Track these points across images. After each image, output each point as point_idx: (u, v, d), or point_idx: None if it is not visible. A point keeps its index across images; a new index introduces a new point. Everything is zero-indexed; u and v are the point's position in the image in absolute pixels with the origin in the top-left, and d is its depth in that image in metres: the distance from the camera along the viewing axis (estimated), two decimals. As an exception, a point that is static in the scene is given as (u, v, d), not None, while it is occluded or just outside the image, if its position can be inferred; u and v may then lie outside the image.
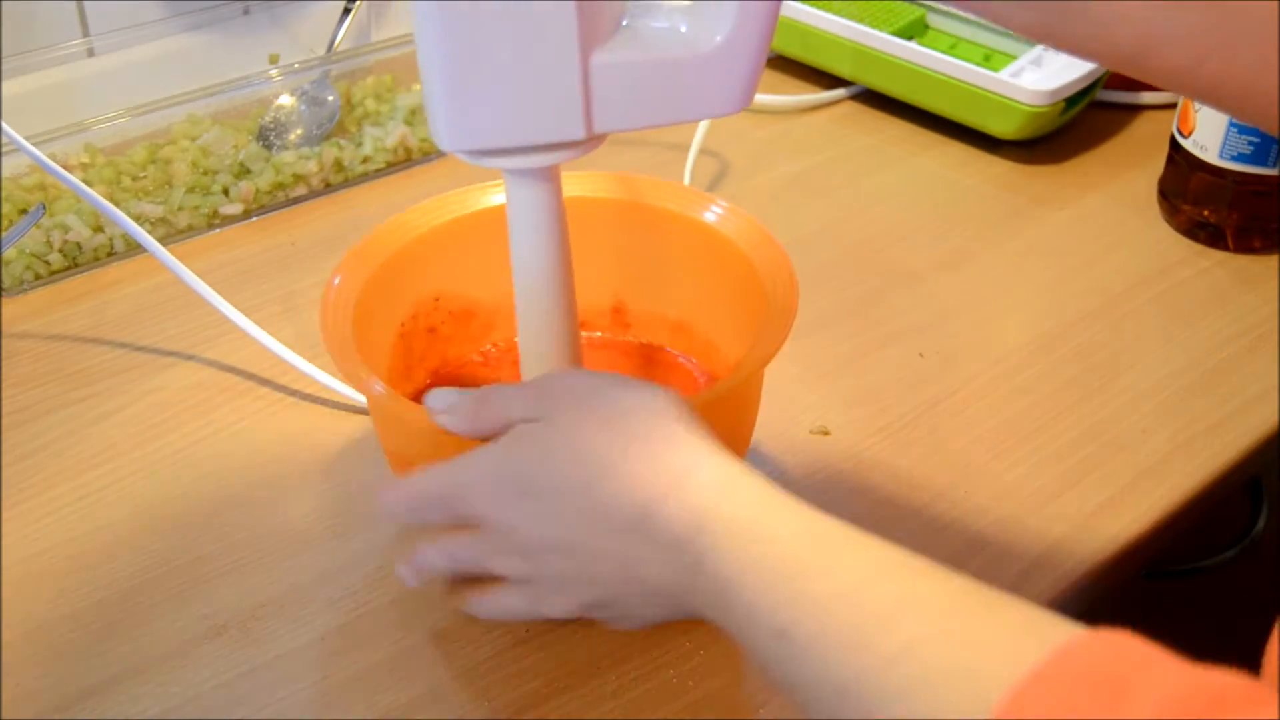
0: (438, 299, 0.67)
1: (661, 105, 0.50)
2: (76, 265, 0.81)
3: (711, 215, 0.65)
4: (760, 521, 0.44)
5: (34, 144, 0.76)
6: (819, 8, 0.98)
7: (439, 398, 0.53)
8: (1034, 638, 0.38)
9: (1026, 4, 0.49)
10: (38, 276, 0.80)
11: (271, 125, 0.89)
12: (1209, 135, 0.82)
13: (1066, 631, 0.38)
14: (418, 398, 0.66)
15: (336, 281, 0.61)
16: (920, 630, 0.39)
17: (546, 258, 0.56)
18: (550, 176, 0.54)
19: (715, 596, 0.44)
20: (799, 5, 0.99)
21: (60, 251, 0.80)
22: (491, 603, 0.54)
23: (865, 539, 0.44)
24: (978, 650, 0.38)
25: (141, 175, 0.83)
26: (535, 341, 0.58)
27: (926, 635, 0.39)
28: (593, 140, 0.51)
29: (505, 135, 0.50)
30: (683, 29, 0.50)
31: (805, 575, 0.42)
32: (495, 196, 0.66)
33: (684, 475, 0.46)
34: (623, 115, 0.50)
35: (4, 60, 0.83)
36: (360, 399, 0.71)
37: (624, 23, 0.50)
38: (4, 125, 0.73)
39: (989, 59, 0.95)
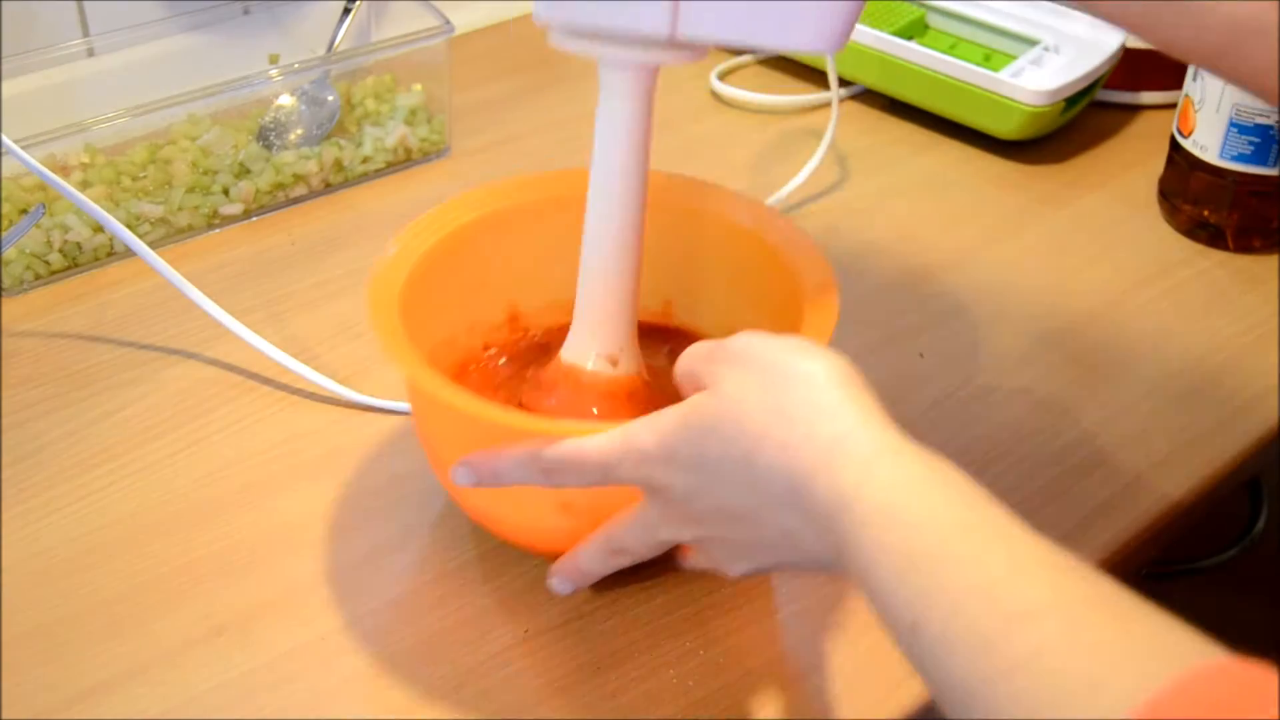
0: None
1: (748, 23, 0.51)
2: (76, 265, 0.81)
3: (766, 227, 0.64)
4: (902, 504, 0.43)
5: (34, 144, 0.76)
6: (819, 8, 0.98)
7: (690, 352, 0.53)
8: (1164, 658, 0.36)
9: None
10: (38, 276, 0.80)
11: (271, 125, 0.89)
12: (1209, 135, 0.82)
13: (1200, 652, 0.36)
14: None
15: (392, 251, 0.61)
16: (1048, 637, 0.38)
17: (623, 172, 0.57)
18: (639, 90, 0.55)
19: (859, 578, 0.44)
20: (799, 5, 0.99)
21: (60, 251, 0.80)
22: (688, 561, 0.57)
23: (1010, 529, 0.42)
24: (1103, 665, 0.37)
25: (141, 175, 0.83)
26: (598, 256, 0.59)
27: (1054, 644, 0.38)
28: (685, 48, 0.52)
29: (593, 13, 0.52)
30: None
31: (940, 565, 0.41)
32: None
33: (832, 450, 0.45)
34: (710, 23, 0.51)
35: (4, 60, 0.83)
36: (356, 396, 0.71)
37: None
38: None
39: (989, 59, 0.95)
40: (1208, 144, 0.82)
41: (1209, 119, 0.82)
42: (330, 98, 0.90)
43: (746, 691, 0.56)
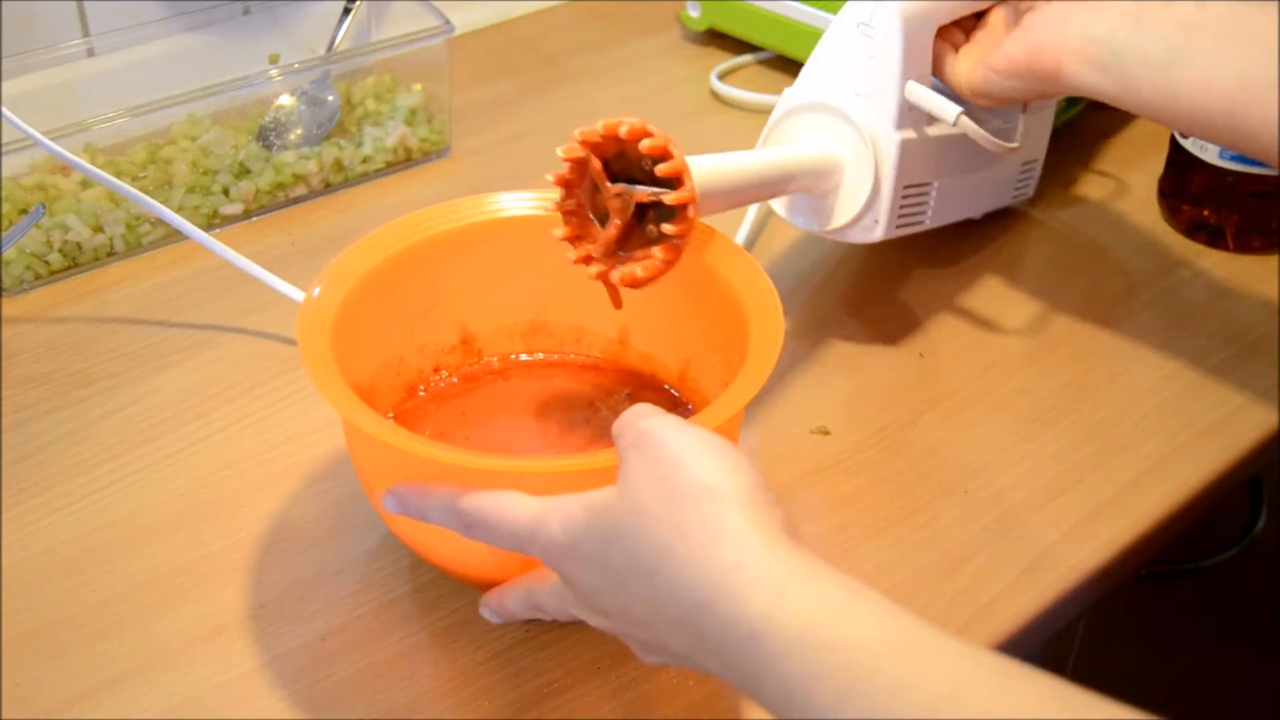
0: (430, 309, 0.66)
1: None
2: (76, 265, 0.81)
3: (717, 258, 0.63)
4: (823, 628, 0.41)
5: (35, 144, 0.76)
6: (819, 7, 0.98)
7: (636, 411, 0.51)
8: None
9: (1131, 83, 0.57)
10: (38, 276, 0.80)
11: (271, 125, 0.89)
12: (1209, 135, 0.82)
13: None
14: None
15: (317, 292, 0.60)
16: None
17: (761, 170, 0.67)
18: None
19: (784, 705, 0.42)
20: (798, 5, 0.99)
21: (60, 251, 0.80)
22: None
23: (941, 639, 0.41)
24: None
25: (141, 175, 0.83)
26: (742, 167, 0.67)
27: None
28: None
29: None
30: None
31: (880, 687, 0.39)
32: (498, 206, 0.65)
33: (732, 576, 0.43)
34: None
35: (4, 60, 0.83)
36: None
37: None
38: (18, 121, 0.73)
39: (989, 59, 0.95)
40: (1208, 144, 0.82)
41: (1209, 119, 0.82)
42: (330, 98, 0.90)
43: (746, 691, 0.56)
